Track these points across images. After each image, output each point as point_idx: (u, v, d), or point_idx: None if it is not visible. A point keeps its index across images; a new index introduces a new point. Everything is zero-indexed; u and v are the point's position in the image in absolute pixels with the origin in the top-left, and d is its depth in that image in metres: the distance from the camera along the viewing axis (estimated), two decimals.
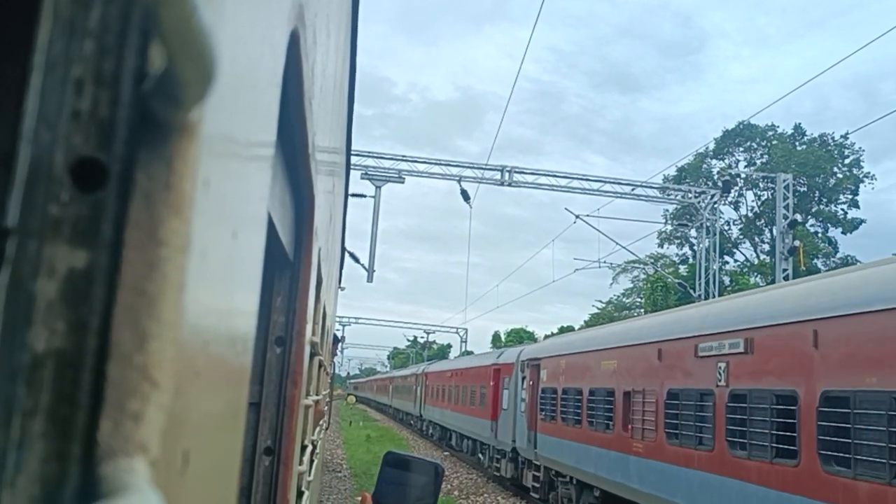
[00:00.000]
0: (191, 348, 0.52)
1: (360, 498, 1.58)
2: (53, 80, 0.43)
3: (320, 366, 4.39)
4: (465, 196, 26.86)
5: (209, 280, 0.56)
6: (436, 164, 27.07)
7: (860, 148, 50.14)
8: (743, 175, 48.13)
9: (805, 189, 48.12)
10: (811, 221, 49.86)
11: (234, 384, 0.77)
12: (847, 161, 50.28)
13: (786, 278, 23.66)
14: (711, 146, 51.86)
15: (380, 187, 25.71)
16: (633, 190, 27.81)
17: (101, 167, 0.43)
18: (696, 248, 33.94)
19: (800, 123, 52.22)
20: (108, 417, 0.42)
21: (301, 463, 2.95)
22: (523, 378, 21.95)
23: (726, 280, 43.48)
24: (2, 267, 0.42)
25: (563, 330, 55.79)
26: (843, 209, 50.42)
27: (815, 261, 46.39)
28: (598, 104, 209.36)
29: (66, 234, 0.42)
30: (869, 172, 50.31)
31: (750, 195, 52.34)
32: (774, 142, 51.54)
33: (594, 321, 53.21)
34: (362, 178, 25.46)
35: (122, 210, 0.44)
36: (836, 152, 50.04)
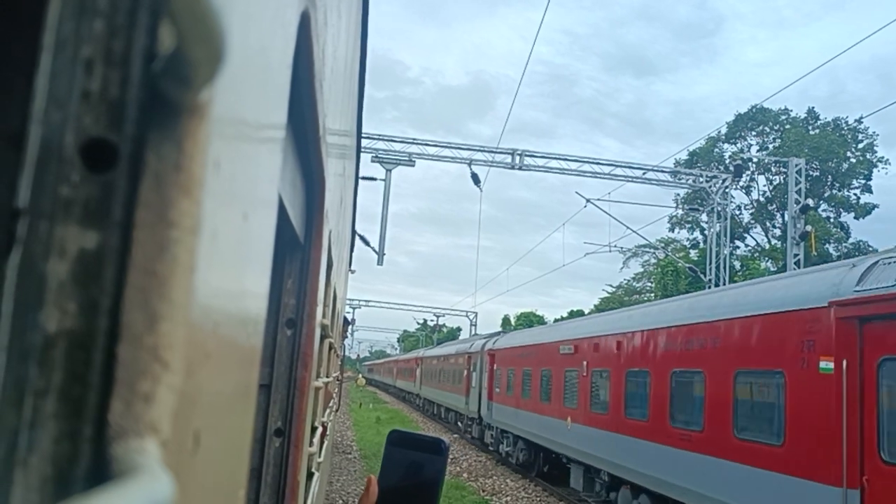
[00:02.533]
0: (201, 330, 0.52)
1: (367, 481, 1.58)
2: (63, 59, 0.43)
3: (330, 348, 4.40)
4: (476, 179, 26.79)
5: (220, 262, 0.56)
6: (446, 147, 27.00)
7: (874, 132, 49.73)
8: (755, 159, 47.87)
9: (818, 174, 47.77)
10: (823, 206, 49.52)
11: (245, 366, 0.77)
12: (861, 145, 49.86)
13: (797, 264, 23.53)
14: (724, 130, 51.53)
15: (390, 170, 25.65)
16: (644, 174, 27.67)
17: (111, 148, 0.43)
18: (706, 232, 33.78)
19: (813, 107, 51.84)
20: (118, 398, 0.42)
21: (311, 444, 2.97)
22: None
23: (737, 265, 43.31)
24: (13, 247, 0.42)
25: (572, 314, 55.47)
26: (855, 194, 50.09)
27: (827, 246, 46.15)
28: (612, 87, 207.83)
29: (76, 215, 0.42)
30: (883, 157, 49.95)
31: (762, 180, 52.07)
32: (787, 126, 51.12)
33: (604, 305, 53.07)
34: (373, 161, 25.43)
35: (133, 191, 0.44)
36: (849, 136, 49.61)
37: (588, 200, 27.78)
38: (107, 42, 0.43)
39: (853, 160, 49.25)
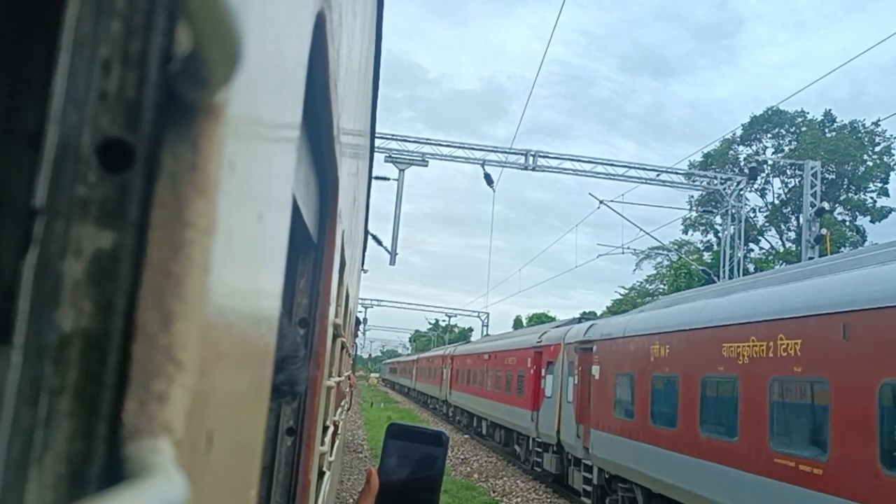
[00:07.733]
0: (215, 330, 0.53)
1: (367, 473, 1.58)
2: (81, 60, 0.43)
3: (343, 347, 4.41)
4: (489, 180, 26.78)
5: (234, 262, 0.56)
6: (459, 147, 26.99)
7: (891, 135, 49.33)
8: (770, 162, 47.59)
9: (833, 176, 47.47)
10: (839, 209, 49.21)
11: (258, 365, 0.77)
12: (878, 148, 49.48)
13: None
14: (739, 132, 51.25)
15: (403, 170, 25.67)
16: (658, 176, 27.57)
17: (127, 148, 0.43)
18: (720, 235, 33.58)
19: (830, 110, 51.48)
20: (132, 397, 0.42)
21: (322, 443, 2.97)
22: None
23: (751, 268, 43.05)
24: (30, 247, 0.43)
25: (584, 315, 55.01)
26: (872, 197, 49.72)
27: (843, 249, 45.77)
28: (629, 88, 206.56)
29: (92, 215, 0.43)
30: None
31: (777, 182, 51.80)
32: (803, 128, 50.80)
33: (617, 307, 52.84)
34: (386, 161, 25.45)
35: (149, 191, 0.44)
36: (866, 139, 49.23)
37: (601, 202, 27.69)
38: (124, 43, 0.43)
39: (870, 163, 48.88)
